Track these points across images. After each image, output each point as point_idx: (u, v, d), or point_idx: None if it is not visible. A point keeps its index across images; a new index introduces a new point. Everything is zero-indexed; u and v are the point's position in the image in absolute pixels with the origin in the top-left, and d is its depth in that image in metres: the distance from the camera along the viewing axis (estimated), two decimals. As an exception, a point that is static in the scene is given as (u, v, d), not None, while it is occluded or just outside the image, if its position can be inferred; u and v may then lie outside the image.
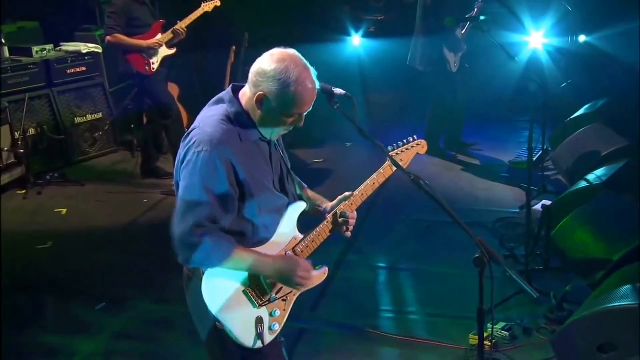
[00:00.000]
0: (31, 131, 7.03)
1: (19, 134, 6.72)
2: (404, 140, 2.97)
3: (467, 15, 6.76)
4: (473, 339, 4.05)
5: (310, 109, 2.52)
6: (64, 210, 6.32)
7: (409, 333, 4.25)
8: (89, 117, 7.65)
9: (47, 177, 6.88)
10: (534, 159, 6.65)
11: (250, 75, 2.47)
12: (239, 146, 2.46)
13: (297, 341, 2.91)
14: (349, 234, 2.74)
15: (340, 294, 4.56)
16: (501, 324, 4.16)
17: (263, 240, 2.59)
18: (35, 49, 7.32)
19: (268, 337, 2.59)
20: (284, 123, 2.50)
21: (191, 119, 7.01)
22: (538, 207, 5.15)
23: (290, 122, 2.51)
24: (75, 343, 4.27)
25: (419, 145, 2.99)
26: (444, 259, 5.20)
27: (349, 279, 4.88)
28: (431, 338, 4.18)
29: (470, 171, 7.07)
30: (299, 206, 2.70)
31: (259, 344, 2.55)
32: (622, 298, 3.61)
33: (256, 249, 2.56)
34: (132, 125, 7.75)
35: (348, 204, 2.74)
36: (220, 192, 2.41)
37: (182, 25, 6.45)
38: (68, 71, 7.50)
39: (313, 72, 2.47)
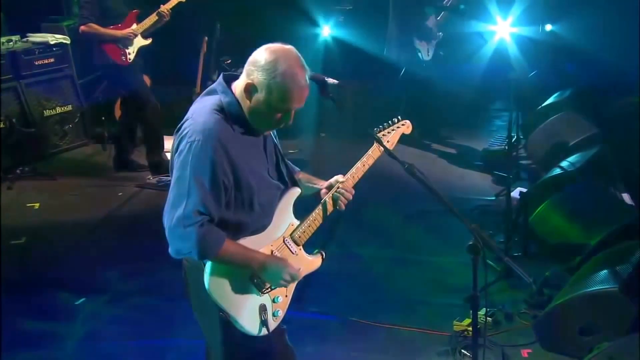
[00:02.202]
0: (0, 124, 6.85)
1: (-12, 128, 6.55)
2: (389, 122, 3.00)
3: (445, 3, 6.81)
4: (457, 326, 4.09)
5: (301, 107, 2.50)
6: (36, 205, 6.18)
7: (391, 321, 4.27)
8: (58, 109, 7.48)
9: (18, 171, 6.71)
10: (507, 147, 6.75)
11: (246, 65, 2.46)
12: (232, 136, 2.44)
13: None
14: (343, 207, 2.76)
15: (323, 284, 4.55)
16: (483, 310, 4.20)
17: (261, 229, 2.58)
18: (1, 40, 7.11)
19: (272, 324, 2.60)
20: (272, 118, 2.48)
21: (163, 111, 6.93)
22: (515, 194, 5.21)
23: (278, 118, 2.48)
24: (55, 339, 4.19)
25: (405, 126, 3.04)
26: (423, 247, 5.25)
27: (331, 269, 4.86)
28: (414, 325, 4.21)
29: (444, 159, 7.14)
30: (294, 192, 2.71)
31: (264, 332, 2.56)
32: (602, 282, 3.71)
33: (256, 236, 2.56)
34: (103, 118, 7.61)
35: (341, 186, 2.76)
36: (212, 183, 2.39)
37: (167, 7, 6.36)
38: (36, 63, 7.31)
39: (306, 70, 2.45)
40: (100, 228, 5.78)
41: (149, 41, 6.51)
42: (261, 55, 2.42)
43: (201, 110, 2.46)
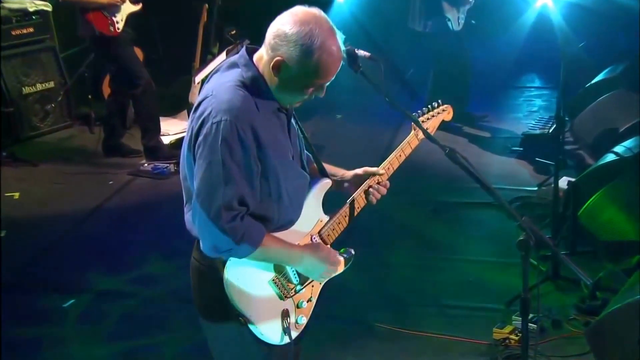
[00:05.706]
0: (-27, 104, 6.90)
1: (-40, 107, 6.59)
2: (429, 106, 2.97)
3: None
4: (497, 333, 4.09)
5: (333, 79, 2.48)
6: (16, 195, 6.22)
7: (423, 328, 4.26)
8: (39, 86, 7.50)
9: (-6, 156, 6.75)
10: (550, 130, 6.72)
11: (268, 36, 2.41)
12: (257, 115, 2.42)
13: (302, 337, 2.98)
14: (374, 201, 2.76)
15: (347, 288, 4.54)
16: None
17: (288, 224, 2.56)
18: (-26, 7, 7.14)
19: (294, 332, 2.59)
20: (303, 93, 2.47)
21: (158, 89, 6.92)
22: (562, 184, 5.17)
23: (310, 92, 2.48)
24: (40, 344, 4.25)
25: (445, 112, 3.02)
26: (456, 246, 5.24)
27: (357, 272, 4.87)
28: (448, 333, 4.19)
29: (478, 145, 7.09)
30: (325, 185, 2.68)
31: (286, 340, 2.54)
32: (666, 285, 3.67)
33: (281, 233, 2.54)
34: (90, 96, 7.63)
35: (376, 179, 2.75)
36: (246, 167, 2.37)
37: None
38: (13, 33, 7.32)
39: (340, 36, 2.43)
40: (89, 221, 5.79)
41: (138, 7, 6.52)
42: (289, 26, 2.36)
43: (222, 86, 2.43)
